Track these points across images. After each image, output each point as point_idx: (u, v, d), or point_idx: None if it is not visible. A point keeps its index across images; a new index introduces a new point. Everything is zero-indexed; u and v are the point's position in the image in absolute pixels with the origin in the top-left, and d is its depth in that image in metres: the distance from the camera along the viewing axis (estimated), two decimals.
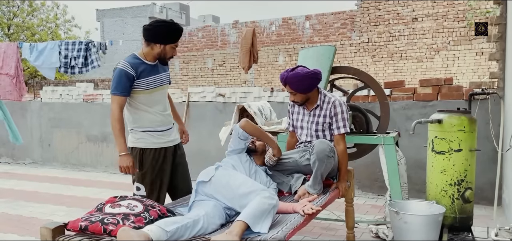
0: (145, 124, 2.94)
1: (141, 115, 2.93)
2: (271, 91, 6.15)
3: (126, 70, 2.79)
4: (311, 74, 3.00)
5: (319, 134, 3.11)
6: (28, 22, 20.84)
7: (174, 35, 2.88)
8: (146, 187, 2.95)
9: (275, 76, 16.32)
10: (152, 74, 2.91)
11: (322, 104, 3.10)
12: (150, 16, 34.71)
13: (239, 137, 2.89)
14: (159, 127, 2.97)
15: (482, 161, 4.57)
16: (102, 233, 2.02)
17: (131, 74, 2.80)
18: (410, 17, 14.14)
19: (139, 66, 2.85)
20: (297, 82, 2.99)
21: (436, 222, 3.05)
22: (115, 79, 2.81)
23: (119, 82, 2.79)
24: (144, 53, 2.91)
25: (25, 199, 5.46)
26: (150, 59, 2.91)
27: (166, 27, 2.85)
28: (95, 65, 7.04)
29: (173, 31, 2.88)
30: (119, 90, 2.80)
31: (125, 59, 2.86)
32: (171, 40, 2.87)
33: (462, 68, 13.41)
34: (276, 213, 2.44)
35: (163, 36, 2.84)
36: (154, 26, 2.85)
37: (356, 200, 4.92)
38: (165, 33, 2.85)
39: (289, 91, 3.09)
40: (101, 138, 7.49)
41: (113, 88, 2.82)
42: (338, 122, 3.06)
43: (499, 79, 4.77)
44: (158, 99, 2.98)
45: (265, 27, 16.74)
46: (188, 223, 2.13)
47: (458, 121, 3.25)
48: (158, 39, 2.84)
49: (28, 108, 8.13)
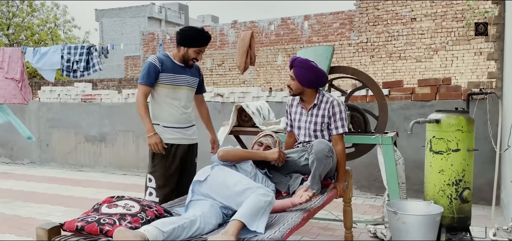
0: (164, 117, 3.20)
1: (161, 108, 3.20)
2: (270, 91, 6.14)
3: (154, 63, 3.12)
4: (318, 71, 3.05)
5: (318, 134, 3.10)
6: (28, 22, 20.82)
7: (197, 40, 3.14)
8: (156, 179, 3.18)
9: (274, 76, 16.33)
10: (177, 72, 3.20)
11: (320, 103, 3.10)
12: (149, 16, 34.71)
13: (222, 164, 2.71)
14: (176, 124, 3.23)
15: (481, 161, 4.57)
16: (99, 233, 2.01)
17: (157, 66, 3.12)
18: (408, 17, 14.15)
19: (166, 61, 3.17)
20: (303, 69, 3.02)
21: (434, 222, 3.04)
22: (144, 70, 3.13)
23: (147, 73, 3.11)
24: (173, 54, 3.24)
25: (23, 200, 5.45)
26: (178, 59, 3.21)
27: (191, 32, 3.17)
28: (96, 68, 7.05)
29: (197, 36, 3.14)
30: (145, 80, 3.11)
31: (157, 54, 3.21)
32: (194, 44, 3.14)
33: (461, 68, 13.43)
34: (274, 213, 2.44)
35: (187, 39, 3.14)
36: (182, 30, 3.19)
37: (354, 200, 4.92)
38: (189, 37, 3.14)
39: (290, 74, 3.11)
40: (99, 138, 7.48)
41: (140, 77, 3.14)
42: (336, 122, 3.05)
43: (497, 79, 4.78)
44: (181, 96, 3.23)
45: (264, 27, 16.74)
46: (185, 224, 2.12)
47: (456, 121, 3.24)
48: (183, 42, 3.15)
49: (26, 108, 8.12)
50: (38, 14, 21.44)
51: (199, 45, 3.16)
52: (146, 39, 19.23)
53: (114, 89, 18.26)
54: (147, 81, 3.11)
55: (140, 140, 7.08)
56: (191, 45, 3.13)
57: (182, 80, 3.22)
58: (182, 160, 3.25)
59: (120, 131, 7.28)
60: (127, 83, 19.03)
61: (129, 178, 6.83)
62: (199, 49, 3.17)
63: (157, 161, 3.18)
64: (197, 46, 3.15)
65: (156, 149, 3.07)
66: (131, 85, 18.58)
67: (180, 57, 3.19)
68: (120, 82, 19.23)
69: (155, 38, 18.71)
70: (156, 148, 3.07)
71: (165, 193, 3.18)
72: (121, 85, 18.89)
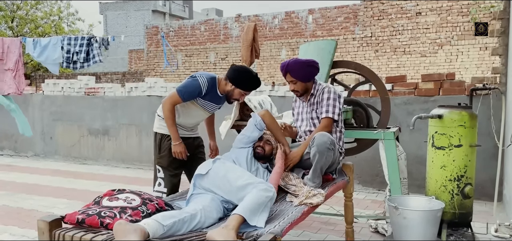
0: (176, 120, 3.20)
1: (178, 114, 3.20)
2: (272, 85, 6.13)
3: (201, 89, 3.07)
4: (309, 61, 3.11)
5: (315, 121, 3.15)
6: (32, 15, 20.86)
7: (247, 84, 3.09)
8: (163, 170, 3.27)
9: (277, 70, 16.29)
10: (213, 101, 3.20)
11: (316, 92, 3.16)
12: (153, 9, 34.67)
13: (255, 125, 2.90)
14: (183, 128, 3.29)
15: (483, 157, 4.55)
16: (99, 226, 2.02)
17: (202, 92, 3.08)
18: (413, 12, 14.06)
19: (211, 90, 3.12)
20: (298, 69, 3.06)
21: (435, 218, 3.04)
22: (188, 85, 3.08)
23: (189, 91, 3.08)
24: (220, 83, 3.16)
25: (26, 192, 5.49)
26: (221, 91, 3.17)
27: (246, 74, 3.09)
28: (96, 60, 7.05)
29: (249, 81, 3.08)
30: (183, 96, 3.07)
31: (206, 77, 3.10)
32: (243, 87, 3.09)
33: (466, 63, 13.34)
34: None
35: (239, 80, 3.08)
36: (237, 69, 3.10)
37: (356, 195, 4.91)
38: (243, 79, 3.08)
39: (289, 80, 3.13)
40: (102, 131, 7.50)
41: (180, 88, 3.08)
42: (322, 107, 3.07)
43: (501, 74, 4.74)
44: (202, 116, 3.31)
45: (268, 21, 16.68)
46: (185, 217, 2.12)
47: (458, 116, 3.23)
48: (234, 81, 3.08)
49: (30, 101, 8.15)
50: (42, 7, 21.47)
51: (248, 89, 3.12)
52: (150, 32, 19.23)
53: (118, 82, 18.31)
54: (185, 97, 3.07)
55: (143, 133, 7.09)
56: (241, 87, 3.08)
57: (209, 106, 3.24)
58: (188, 148, 3.29)
59: (123, 125, 7.30)
60: (130, 77, 19.07)
61: (132, 172, 6.85)
62: (245, 92, 3.14)
63: (164, 152, 3.25)
64: (245, 89, 3.11)
65: (180, 156, 3.17)
66: (134, 79, 18.62)
67: (224, 90, 3.15)
68: (123, 76, 19.28)
69: (159, 31, 18.70)
70: (180, 156, 3.17)
71: (173, 184, 3.27)
72: (124, 78, 18.94)
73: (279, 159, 2.81)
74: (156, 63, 19.03)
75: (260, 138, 2.96)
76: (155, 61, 19.07)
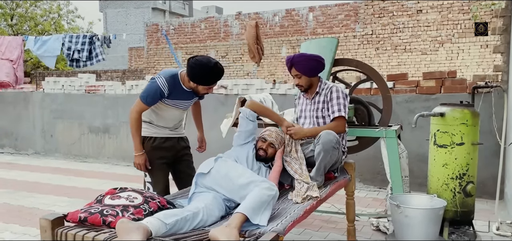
0: (157, 120, 3.12)
1: (157, 116, 3.10)
2: (273, 83, 6.12)
3: (162, 89, 2.89)
4: (315, 56, 3.13)
5: (320, 120, 3.14)
6: (31, 13, 20.82)
7: (206, 79, 2.87)
8: (149, 174, 3.17)
9: (278, 68, 16.28)
10: (182, 98, 3.02)
11: (322, 90, 3.16)
12: (153, 7, 34.62)
13: (247, 118, 2.93)
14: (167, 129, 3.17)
15: (485, 155, 4.54)
16: (101, 224, 2.01)
17: (164, 93, 2.91)
18: (414, 9, 14.02)
19: (175, 88, 2.94)
20: (303, 62, 3.07)
21: (437, 216, 3.03)
22: (148, 90, 2.91)
23: (151, 95, 2.90)
24: (183, 78, 2.97)
25: (27, 190, 5.48)
26: (187, 87, 2.99)
27: (201, 71, 2.83)
28: (99, 58, 7.05)
29: (206, 75, 2.85)
30: (146, 101, 2.92)
31: (165, 76, 2.91)
32: (203, 83, 2.89)
33: (467, 61, 13.31)
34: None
35: (196, 78, 2.87)
36: (192, 64, 2.84)
37: (358, 193, 4.91)
38: (198, 76, 2.85)
39: (294, 74, 3.14)
40: (103, 129, 7.50)
41: (142, 95, 2.92)
42: (333, 106, 3.08)
43: (503, 72, 4.73)
44: (180, 115, 3.18)
45: (268, 18, 16.65)
46: (187, 216, 2.12)
47: (460, 114, 3.22)
48: (192, 78, 2.88)
49: (30, 99, 8.14)
50: (41, 4, 21.43)
51: (208, 84, 2.90)
52: (150, 30, 19.20)
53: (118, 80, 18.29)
54: (148, 102, 2.92)
55: None
56: (201, 83, 2.88)
57: (182, 104, 3.07)
58: (171, 149, 3.18)
59: (124, 122, 7.29)
60: (131, 74, 19.05)
61: (132, 170, 6.84)
62: (209, 86, 2.94)
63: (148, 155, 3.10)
64: (206, 85, 2.91)
65: (139, 168, 3.09)
66: (135, 76, 18.59)
67: (189, 87, 2.97)
68: (124, 73, 19.26)
69: (159, 29, 18.66)
70: (139, 168, 3.08)
71: (162, 188, 3.12)
72: (125, 76, 18.91)
73: (279, 158, 2.83)
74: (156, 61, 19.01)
75: (263, 140, 2.89)
76: (155, 59, 19.05)
